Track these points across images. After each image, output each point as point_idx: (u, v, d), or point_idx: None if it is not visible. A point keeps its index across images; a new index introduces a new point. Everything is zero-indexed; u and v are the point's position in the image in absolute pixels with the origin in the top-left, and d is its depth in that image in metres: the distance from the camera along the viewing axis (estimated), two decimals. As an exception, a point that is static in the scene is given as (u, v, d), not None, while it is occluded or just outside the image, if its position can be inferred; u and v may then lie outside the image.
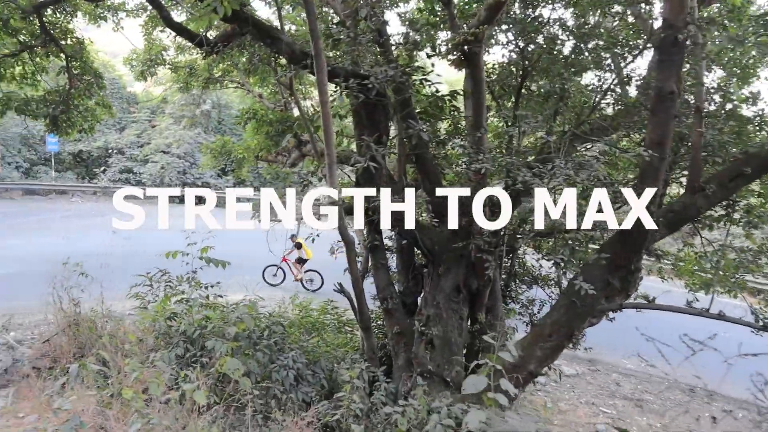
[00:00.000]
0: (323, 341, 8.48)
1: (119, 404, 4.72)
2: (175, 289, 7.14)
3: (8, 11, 8.66)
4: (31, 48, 9.47)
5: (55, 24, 9.59)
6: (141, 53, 12.46)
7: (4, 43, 9.49)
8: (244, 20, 6.23)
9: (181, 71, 12.55)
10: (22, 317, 8.65)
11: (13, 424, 5.32)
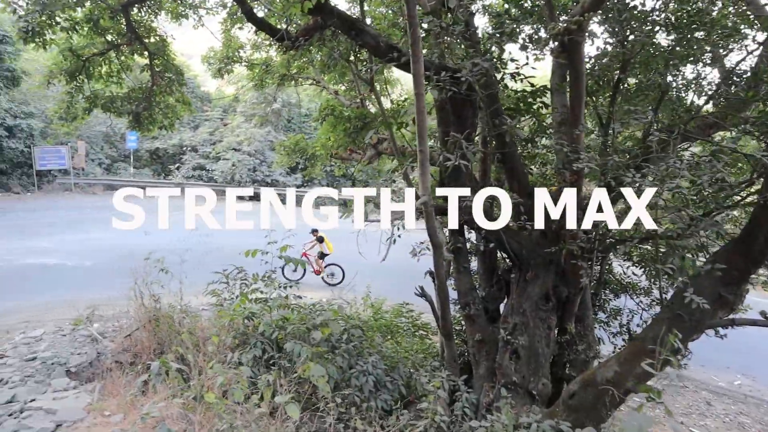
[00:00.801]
0: (399, 346, 8.22)
1: (203, 408, 4.59)
2: (251, 288, 7.05)
3: (98, 11, 8.87)
4: (118, 46, 9.69)
5: (140, 23, 9.77)
6: (218, 51, 12.58)
7: (93, 43, 9.75)
8: (328, 12, 6.04)
9: (257, 68, 12.59)
10: (103, 309, 8.80)
11: (99, 422, 5.31)
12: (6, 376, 6.53)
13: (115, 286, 8.44)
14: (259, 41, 12.53)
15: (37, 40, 8.55)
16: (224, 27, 11.67)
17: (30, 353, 7.30)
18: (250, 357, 5.77)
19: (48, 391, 6.25)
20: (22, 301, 10.36)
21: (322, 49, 8.81)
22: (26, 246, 15.35)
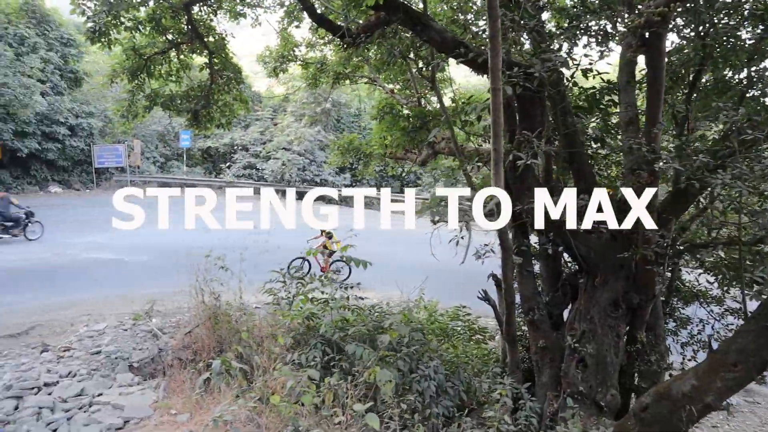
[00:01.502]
0: (456, 350, 8.03)
1: (268, 410, 4.52)
2: (307, 287, 6.98)
3: (161, 11, 9.01)
4: (178, 45, 9.81)
5: (199, 21, 9.87)
6: (274, 50, 12.63)
7: (154, 42, 9.91)
8: (394, 7, 5.91)
9: (311, 67, 12.58)
10: (160, 305, 8.93)
11: (166, 421, 5.32)
12: (74, 368, 6.70)
13: (171, 282, 8.58)
14: (314, 40, 12.53)
15: (102, 40, 8.77)
16: (281, 25, 11.70)
17: (94, 347, 7.46)
18: (310, 358, 5.69)
19: (114, 386, 6.35)
20: (83, 294, 10.63)
21: (381, 46, 8.70)
22: (86, 241, 15.82)
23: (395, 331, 5.51)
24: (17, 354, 7.37)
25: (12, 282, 11.10)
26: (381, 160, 11.98)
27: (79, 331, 8.24)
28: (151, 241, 15.89)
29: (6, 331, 8.14)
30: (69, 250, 14.54)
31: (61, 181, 28.55)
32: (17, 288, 10.60)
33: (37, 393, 6.15)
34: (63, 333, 8.35)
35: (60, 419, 5.55)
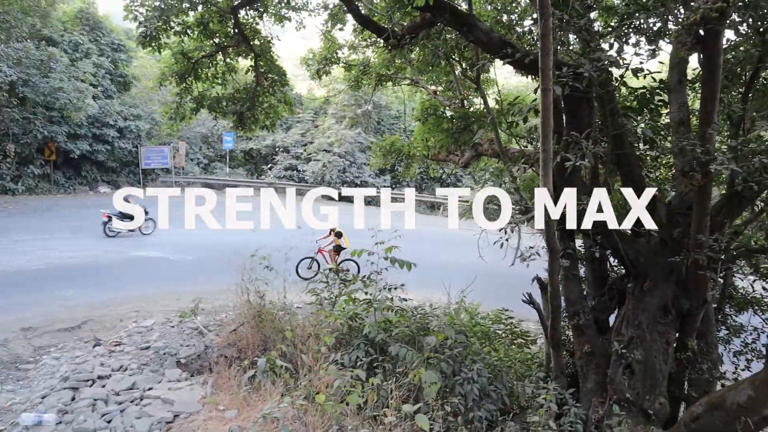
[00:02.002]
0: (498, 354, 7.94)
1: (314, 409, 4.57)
2: (350, 288, 7.02)
3: (209, 15, 9.23)
4: (225, 48, 10.02)
5: (246, 25, 10.06)
6: (317, 53, 12.75)
7: (202, 46, 10.15)
8: (440, 8, 5.89)
9: (354, 69, 12.66)
10: (204, 303, 9.12)
11: (214, 416, 5.44)
12: (125, 363, 6.94)
13: (216, 281, 8.78)
14: (357, 42, 12.60)
15: (153, 45, 9.07)
16: (325, 28, 11.82)
17: (143, 342, 7.70)
18: (354, 358, 5.72)
19: (163, 381, 6.55)
20: (131, 291, 10.95)
21: (424, 47, 8.69)
22: (133, 239, 16.28)
23: (441, 333, 5.48)
24: (72, 347, 7.70)
25: (66, 278, 11.52)
26: (423, 161, 11.95)
27: (128, 327, 8.50)
28: (197, 240, 16.29)
29: (61, 325, 8.48)
30: (117, 248, 14.99)
31: (109, 182, 29.48)
32: (71, 284, 10.99)
33: (91, 385, 6.42)
34: (113, 328, 8.63)
35: (114, 411, 5.77)
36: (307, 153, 34.16)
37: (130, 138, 29.63)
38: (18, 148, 24.91)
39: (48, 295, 10.12)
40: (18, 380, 6.81)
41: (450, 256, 16.05)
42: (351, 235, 12.68)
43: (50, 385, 6.43)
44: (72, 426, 5.45)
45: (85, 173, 28.46)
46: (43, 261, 12.68)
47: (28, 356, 7.53)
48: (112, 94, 29.32)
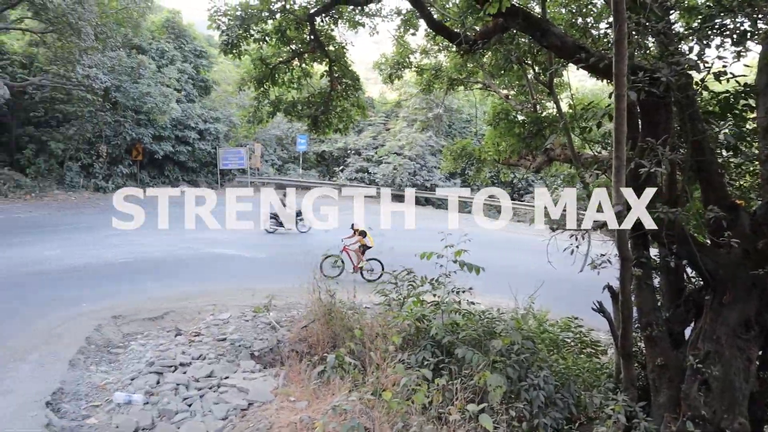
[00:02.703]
0: (566, 362, 7.80)
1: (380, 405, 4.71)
2: (418, 290, 7.10)
3: (286, 23, 9.61)
4: (301, 54, 10.38)
5: (321, 31, 10.38)
6: (390, 57, 12.95)
7: (279, 52, 10.57)
8: (513, 14, 5.89)
9: (426, 73, 12.77)
10: (278, 299, 9.46)
11: (286, 406, 5.72)
12: (204, 352, 7.41)
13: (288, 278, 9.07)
14: (429, 46, 12.71)
15: (233, 52, 9.54)
16: (398, 33, 12.00)
17: (220, 334, 8.14)
18: (420, 359, 5.80)
19: (238, 371, 6.95)
20: (209, 286, 11.49)
21: (497, 52, 8.69)
22: (211, 237, 17.02)
23: (508, 337, 5.48)
24: (155, 335, 8.27)
25: (150, 271, 12.27)
26: (494, 165, 11.90)
27: (206, 319, 8.98)
28: (270, 239, 16.90)
29: (146, 315, 9.08)
30: (195, 244, 15.73)
31: (190, 181, 30.96)
32: (155, 276, 11.68)
33: (174, 371, 6.94)
34: (192, 320, 9.14)
35: (194, 396, 6.22)
36: (378, 155, 34.55)
37: (210, 140, 31.05)
38: (109, 149, 26.70)
39: (134, 286, 10.82)
40: (110, 362, 7.40)
41: (520, 261, 15.84)
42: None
43: (138, 369, 6.99)
44: (157, 407, 5.94)
45: (167, 173, 30.05)
46: (130, 255, 13.52)
47: (118, 341, 8.13)
48: (193, 98, 30.86)
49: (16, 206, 20.64)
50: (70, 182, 25.24)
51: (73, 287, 10.47)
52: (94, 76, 22.53)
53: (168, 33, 30.85)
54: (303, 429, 5.12)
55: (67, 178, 25.27)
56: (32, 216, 18.99)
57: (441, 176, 32.87)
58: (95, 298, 9.79)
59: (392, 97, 39.47)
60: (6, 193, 22.22)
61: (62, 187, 24.89)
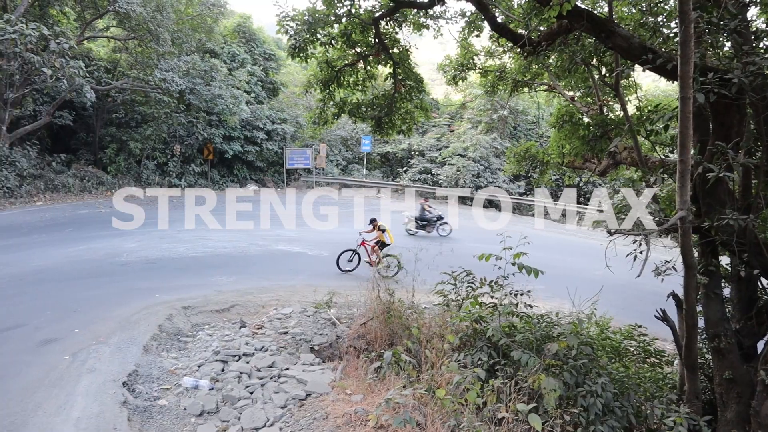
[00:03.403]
0: (627, 370, 7.59)
1: (433, 402, 4.79)
2: (476, 291, 7.11)
3: (351, 26, 9.82)
4: (366, 57, 10.57)
5: (386, 34, 10.53)
6: (454, 59, 12.96)
7: (345, 55, 10.80)
8: (577, 15, 5.82)
9: (491, 75, 12.70)
10: (338, 296, 9.67)
11: (342, 399, 5.90)
12: (266, 344, 7.75)
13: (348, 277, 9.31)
14: (494, 48, 12.64)
15: (301, 55, 9.83)
16: (462, 35, 12.01)
17: (282, 328, 8.46)
18: (476, 360, 5.82)
19: (298, 363, 7.23)
20: (273, 281, 11.88)
21: (562, 53, 8.55)
22: (277, 234, 17.57)
23: (564, 341, 5.41)
24: (221, 326, 8.70)
25: (218, 265, 12.81)
26: (558, 169, 11.69)
27: (269, 313, 9.32)
28: (333, 238, 17.28)
29: (213, 307, 9.53)
30: (262, 241, 16.26)
31: (257, 180, 31.96)
32: (222, 271, 12.19)
33: (238, 360, 7.30)
34: (256, 313, 9.51)
35: (255, 384, 6.53)
36: (441, 157, 34.50)
37: (277, 140, 31.96)
38: (182, 149, 28.01)
39: (203, 280, 11.34)
40: (179, 350, 7.85)
41: (582, 265, 15.52)
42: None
43: (204, 357, 7.40)
44: (221, 393, 6.29)
45: (236, 172, 31.16)
46: (201, 250, 14.14)
47: (187, 330, 8.59)
48: (262, 99, 31.90)
49: (98, 201, 22.03)
50: (146, 180, 26.64)
51: (148, 278, 11.15)
52: (170, 80, 23.70)
53: (239, 37, 32.09)
54: (357, 420, 5.29)
55: (144, 175, 26.70)
56: (112, 211, 20.19)
57: (505, 178, 32.50)
58: (167, 289, 10.36)
59: (457, 99, 39.34)
60: (90, 189, 23.74)
61: (139, 184, 26.31)
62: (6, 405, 5.65)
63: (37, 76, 19.87)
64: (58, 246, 13.69)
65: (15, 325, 7.95)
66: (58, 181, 22.74)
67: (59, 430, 5.26)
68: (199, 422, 5.74)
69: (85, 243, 14.16)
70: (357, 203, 28.80)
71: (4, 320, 8.11)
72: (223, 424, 5.70)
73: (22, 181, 21.10)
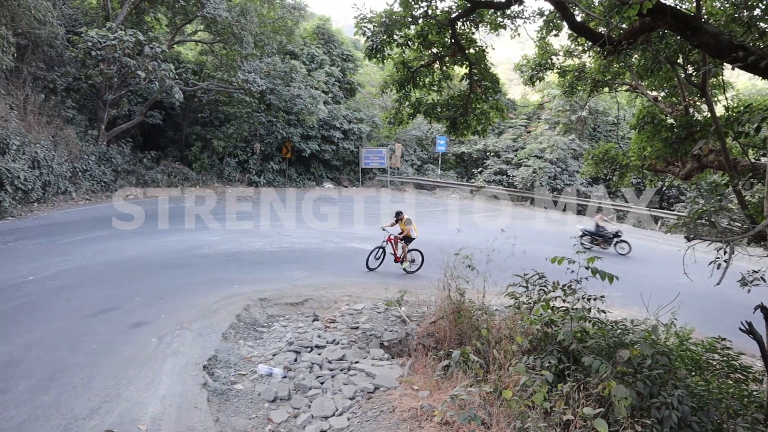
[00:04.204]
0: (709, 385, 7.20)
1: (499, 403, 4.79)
2: (549, 295, 6.99)
3: (428, 27, 9.90)
4: (442, 58, 10.61)
5: (462, 35, 10.52)
6: (531, 59, 12.77)
7: (421, 56, 10.88)
8: (660, 12, 5.62)
9: (569, 75, 12.43)
10: (410, 295, 9.77)
11: (409, 393, 6.02)
12: (337, 337, 8.01)
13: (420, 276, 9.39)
14: (572, 48, 12.35)
15: (378, 56, 10.01)
16: (539, 35, 11.82)
17: (353, 323, 8.69)
18: (545, 364, 5.74)
19: (368, 358, 7.42)
20: (346, 278, 12.16)
21: (644, 52, 8.25)
22: (351, 232, 17.92)
23: (637, 348, 5.25)
24: (295, 319, 9.05)
25: (294, 261, 13.26)
26: (638, 172, 11.27)
27: (341, 308, 9.58)
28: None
29: (288, 300, 9.91)
30: (337, 238, 16.64)
31: (333, 179, 32.65)
32: (297, 266, 12.60)
33: (310, 351, 7.58)
34: (329, 308, 9.79)
35: (326, 375, 6.79)
36: (518, 158, 33.91)
37: (353, 139, 32.50)
38: (262, 147, 29.06)
39: (279, 274, 11.78)
40: (255, 339, 8.24)
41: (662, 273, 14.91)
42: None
43: (278, 347, 7.74)
44: (294, 381, 6.59)
45: (313, 170, 31.96)
46: (277, 245, 14.67)
47: (262, 321, 8.99)
48: (339, 99, 32.55)
49: (184, 196, 23.28)
50: (228, 176, 27.87)
51: (227, 270, 11.72)
52: (252, 80, 24.65)
53: (318, 39, 32.92)
54: (423, 415, 5.37)
55: (225, 172, 27.94)
56: (196, 206, 21.30)
57: (582, 181, 31.56)
58: (245, 281, 10.85)
59: (535, 99, 38.53)
60: (176, 184, 25.13)
61: (221, 181, 27.57)
62: (103, 378, 6.20)
63: (133, 79, 21.24)
64: (147, 237, 14.67)
65: (111, 308, 8.64)
66: (148, 176, 24.22)
67: (147, 404, 5.70)
68: (272, 407, 6.03)
69: (171, 235, 15.08)
70: (428, 203, 28.85)
71: (102, 303, 8.84)
72: (295, 410, 5.96)
73: (117, 176, 22.63)
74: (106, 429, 5.15)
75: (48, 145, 18.69)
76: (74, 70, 21.61)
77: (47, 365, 6.46)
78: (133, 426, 5.27)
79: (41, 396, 5.74)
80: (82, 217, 17.33)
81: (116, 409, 5.55)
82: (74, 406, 5.57)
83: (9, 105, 18.03)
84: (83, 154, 20.89)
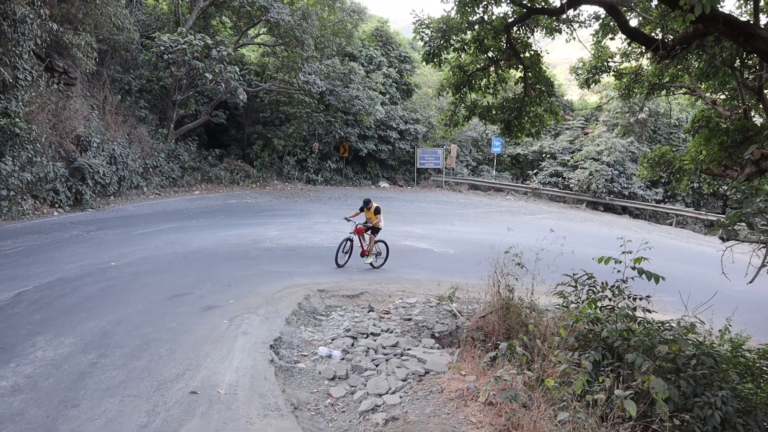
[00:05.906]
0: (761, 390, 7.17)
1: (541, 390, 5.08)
2: (598, 295, 7.15)
3: (484, 32, 10.20)
4: (497, 62, 10.88)
5: (517, 39, 10.75)
6: (587, 62, 12.82)
7: (477, 60, 11.18)
8: (713, 19, 5.75)
9: (626, 78, 12.43)
10: (461, 292, 10.08)
11: (456, 378, 6.45)
12: (391, 327, 8.60)
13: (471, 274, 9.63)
14: (629, 50, 12.34)
15: (435, 60, 10.39)
16: (595, 38, 11.89)
17: (406, 315, 9.17)
18: (590, 360, 5.94)
19: (419, 346, 7.93)
20: (400, 274, 12.58)
21: (700, 56, 8.29)
22: (405, 230, 18.32)
23: (676, 345, 5.40)
24: (352, 309, 9.63)
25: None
26: (695, 175, 11.18)
27: (395, 302, 10.03)
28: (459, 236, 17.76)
29: (345, 292, 10.47)
30: (391, 237, 17.01)
31: (388, 178, 33.20)
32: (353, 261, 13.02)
33: (366, 338, 8.15)
34: (383, 301, 10.26)
35: (380, 359, 7.33)
36: (574, 160, 33.47)
37: (409, 140, 32.96)
38: (321, 146, 29.91)
39: (336, 268, 12.33)
40: (315, 326, 8.84)
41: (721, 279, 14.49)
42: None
43: (336, 333, 8.34)
44: (351, 363, 7.16)
45: (369, 169, 32.62)
46: (334, 240, 15.21)
47: (321, 310, 9.60)
48: (396, 100, 33.07)
49: (245, 193, 24.33)
50: (287, 174, 28.88)
51: (288, 263, 12.40)
52: (312, 82, 25.47)
53: (376, 41, 33.57)
54: (469, 395, 5.78)
55: (285, 170, 28.96)
56: (257, 202, 22.21)
57: (641, 184, 30.87)
58: (305, 274, 11.47)
59: (592, 101, 37.90)
60: (238, 181, 26.31)
61: (280, 178, 28.60)
62: (184, 351, 6.96)
63: (200, 80, 22.43)
64: (212, 230, 15.57)
65: (184, 293, 9.42)
66: (212, 173, 25.45)
67: (223, 373, 6.41)
68: (331, 385, 6.61)
69: (234, 229, 15.93)
70: (482, 204, 28.94)
71: (176, 288, 9.64)
72: (352, 388, 6.50)
73: (184, 173, 23.93)
74: (191, 390, 5.87)
75: (123, 143, 20.02)
76: (147, 73, 23.04)
77: (135, 338, 7.27)
78: (213, 390, 5.98)
79: (134, 362, 6.54)
80: (153, 210, 18.53)
81: (198, 376, 6.29)
82: (162, 372, 6.34)
83: (91, 105, 19.46)
84: (154, 151, 22.25)
